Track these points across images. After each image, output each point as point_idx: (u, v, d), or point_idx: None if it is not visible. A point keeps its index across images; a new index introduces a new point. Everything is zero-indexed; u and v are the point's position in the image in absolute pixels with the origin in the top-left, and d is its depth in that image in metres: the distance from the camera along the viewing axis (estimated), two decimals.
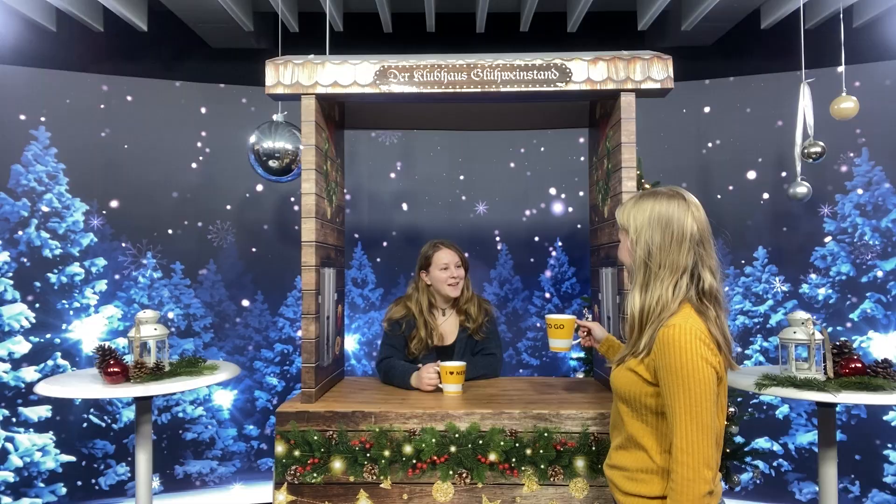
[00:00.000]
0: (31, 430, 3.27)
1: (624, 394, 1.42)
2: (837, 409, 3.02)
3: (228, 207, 3.78)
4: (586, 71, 2.09)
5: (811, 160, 2.96)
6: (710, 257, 1.40)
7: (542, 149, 3.90)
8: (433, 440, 1.90)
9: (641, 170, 3.15)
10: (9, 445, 3.21)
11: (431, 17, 3.71)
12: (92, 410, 3.43)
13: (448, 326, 2.56)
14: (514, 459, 1.90)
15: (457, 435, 1.91)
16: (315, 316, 2.10)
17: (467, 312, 2.53)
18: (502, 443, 1.90)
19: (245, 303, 3.80)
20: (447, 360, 2.27)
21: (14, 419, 3.23)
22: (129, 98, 3.58)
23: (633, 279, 1.44)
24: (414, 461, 1.91)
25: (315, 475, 1.93)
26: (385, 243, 3.91)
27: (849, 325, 3.42)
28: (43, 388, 2.12)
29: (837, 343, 2.17)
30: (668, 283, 1.37)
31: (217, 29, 3.70)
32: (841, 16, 3.01)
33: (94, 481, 3.41)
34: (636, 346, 1.40)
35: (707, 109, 3.74)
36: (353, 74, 2.10)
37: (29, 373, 3.27)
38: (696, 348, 1.28)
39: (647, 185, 3.16)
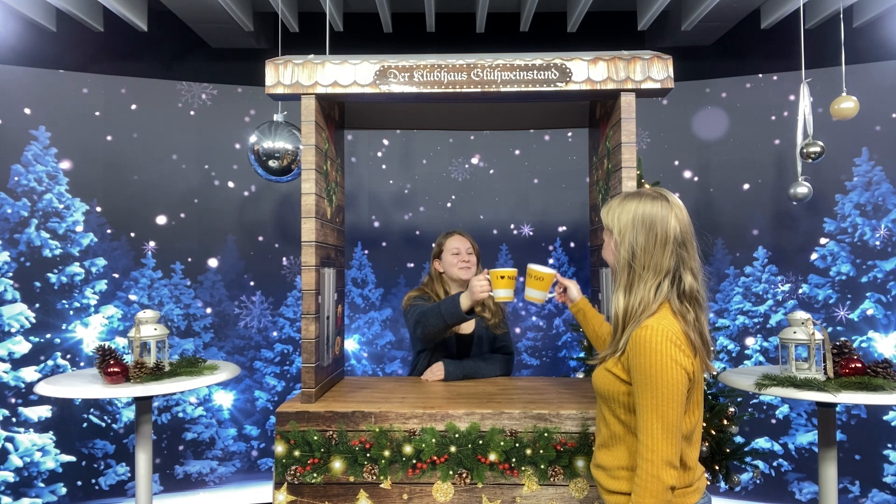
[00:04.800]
0: (31, 430, 3.27)
1: (602, 392, 1.45)
2: (837, 409, 3.03)
3: (228, 207, 3.78)
4: (586, 71, 2.09)
5: (811, 160, 2.96)
6: (692, 259, 1.41)
7: (543, 148, 3.90)
8: (433, 440, 1.90)
9: (641, 170, 3.15)
10: (9, 445, 3.21)
11: (431, 17, 3.71)
12: (92, 410, 3.43)
13: None
14: (514, 459, 1.90)
15: (457, 435, 1.91)
16: (315, 316, 2.10)
17: (484, 303, 2.46)
18: (502, 443, 1.90)
19: (245, 302, 3.80)
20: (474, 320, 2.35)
21: (14, 419, 3.24)
22: (128, 98, 3.57)
23: (617, 280, 1.45)
24: (414, 461, 1.91)
25: (315, 475, 1.93)
26: (385, 243, 3.91)
27: (842, 327, 3.42)
28: (43, 388, 2.12)
29: (837, 343, 2.18)
30: (650, 284, 1.38)
31: (217, 29, 3.70)
32: (841, 16, 3.01)
33: (94, 481, 3.41)
34: (616, 345, 1.42)
35: (707, 109, 3.74)
36: (353, 74, 2.10)
37: (29, 373, 3.27)
38: (666, 350, 1.29)
39: (647, 186, 3.16)
